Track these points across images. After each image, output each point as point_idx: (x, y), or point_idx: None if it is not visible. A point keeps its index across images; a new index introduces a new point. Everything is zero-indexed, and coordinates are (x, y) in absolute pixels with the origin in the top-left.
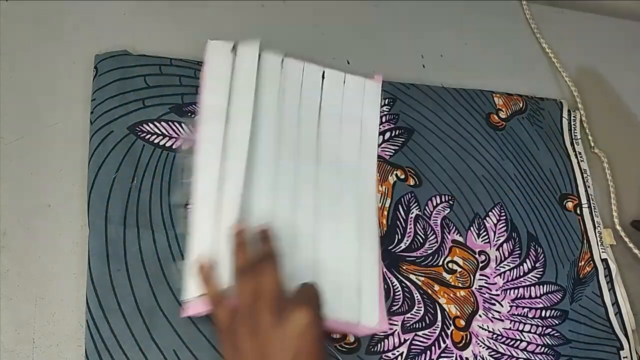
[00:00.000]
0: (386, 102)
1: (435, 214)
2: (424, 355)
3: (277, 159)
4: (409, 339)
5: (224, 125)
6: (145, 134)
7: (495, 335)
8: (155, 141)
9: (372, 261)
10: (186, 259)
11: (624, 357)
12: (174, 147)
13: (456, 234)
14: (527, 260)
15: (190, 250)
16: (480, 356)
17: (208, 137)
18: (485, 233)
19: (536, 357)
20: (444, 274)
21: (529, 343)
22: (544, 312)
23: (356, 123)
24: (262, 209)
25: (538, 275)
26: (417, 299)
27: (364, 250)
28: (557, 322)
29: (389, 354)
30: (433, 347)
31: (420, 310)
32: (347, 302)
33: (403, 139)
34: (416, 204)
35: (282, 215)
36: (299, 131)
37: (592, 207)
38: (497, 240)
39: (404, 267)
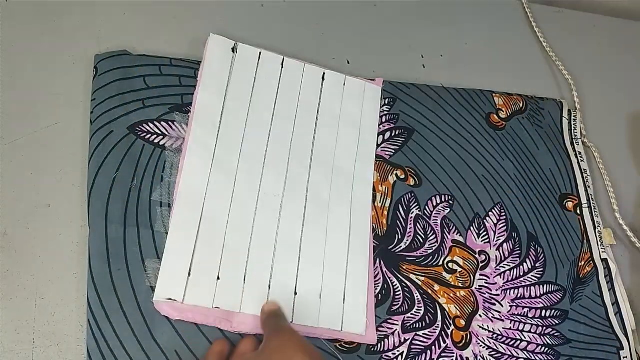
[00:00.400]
0: (386, 102)
1: (435, 213)
2: (424, 355)
3: (266, 163)
4: (409, 338)
5: (217, 127)
6: (145, 134)
7: (495, 335)
8: (155, 141)
9: (362, 271)
10: (163, 259)
11: (624, 357)
12: (173, 146)
13: (456, 234)
14: (527, 260)
15: (167, 250)
16: (480, 356)
17: (199, 139)
18: (485, 233)
19: (536, 357)
20: (444, 274)
21: (529, 343)
22: (544, 312)
23: (354, 126)
24: (246, 214)
25: (538, 275)
26: (417, 299)
27: (353, 259)
28: (557, 322)
29: (389, 354)
30: (433, 347)
31: (421, 310)
32: (329, 310)
33: (403, 139)
34: (416, 203)
35: (266, 221)
36: (294, 133)
37: (592, 207)
38: (497, 240)
39: (404, 267)
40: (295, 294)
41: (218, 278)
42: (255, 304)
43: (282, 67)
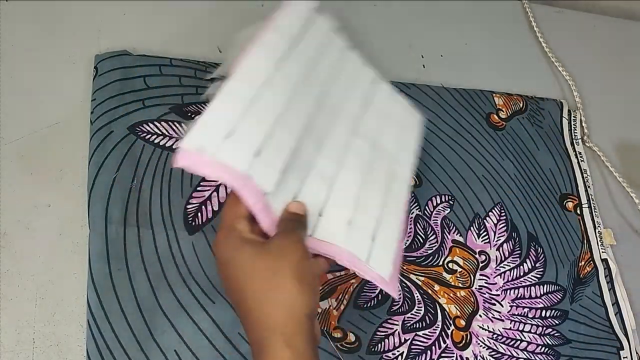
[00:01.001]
0: None
1: (435, 214)
2: (424, 355)
3: (310, 119)
4: (409, 338)
5: (269, 70)
6: (145, 134)
7: (495, 335)
8: (155, 141)
9: (395, 219)
10: (203, 113)
11: (624, 357)
12: (174, 147)
13: (456, 234)
14: (527, 260)
15: (211, 108)
16: (480, 356)
17: (252, 65)
18: (485, 233)
19: (536, 357)
20: (444, 274)
21: (529, 343)
22: (544, 312)
23: (399, 127)
24: (293, 124)
25: (538, 275)
26: (417, 299)
27: (388, 205)
28: (557, 322)
29: (389, 354)
30: (433, 347)
31: (421, 310)
32: (357, 237)
33: None
34: (416, 204)
35: (308, 145)
36: (342, 108)
37: (592, 207)
38: (497, 240)
39: (404, 267)
40: (320, 215)
41: (258, 154)
42: (281, 202)
43: (342, 55)
